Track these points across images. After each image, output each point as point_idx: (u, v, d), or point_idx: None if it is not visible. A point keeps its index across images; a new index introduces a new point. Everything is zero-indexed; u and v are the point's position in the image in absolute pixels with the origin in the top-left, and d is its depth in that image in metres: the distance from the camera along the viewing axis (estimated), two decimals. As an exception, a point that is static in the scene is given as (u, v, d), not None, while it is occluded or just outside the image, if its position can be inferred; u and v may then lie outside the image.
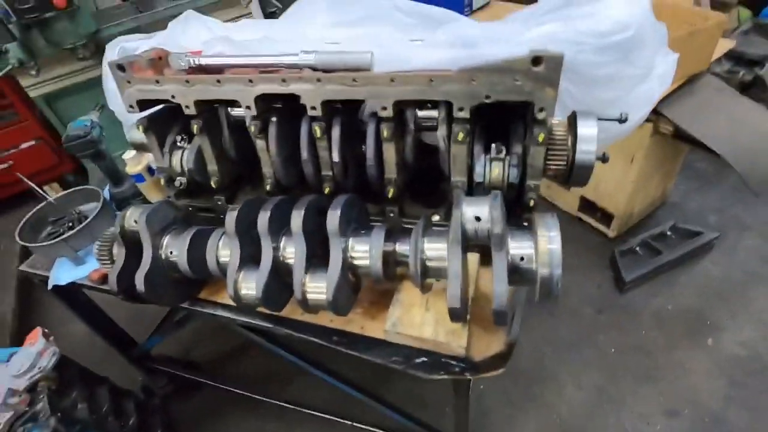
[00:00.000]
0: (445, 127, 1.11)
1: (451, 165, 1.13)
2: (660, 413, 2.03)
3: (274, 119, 1.20)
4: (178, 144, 1.31)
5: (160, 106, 1.32)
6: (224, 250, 1.17)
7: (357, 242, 1.06)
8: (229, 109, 1.29)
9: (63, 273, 1.54)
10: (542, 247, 0.88)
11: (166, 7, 3.10)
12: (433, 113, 1.14)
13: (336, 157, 1.18)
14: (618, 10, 1.06)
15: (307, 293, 1.04)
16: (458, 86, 0.99)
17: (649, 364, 2.21)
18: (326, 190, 1.25)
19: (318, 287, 1.04)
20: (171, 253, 1.22)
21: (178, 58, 1.19)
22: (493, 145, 1.09)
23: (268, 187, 1.30)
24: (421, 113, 1.15)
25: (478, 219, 0.94)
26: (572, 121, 1.06)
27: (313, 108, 1.10)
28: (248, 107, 1.14)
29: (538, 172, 1.07)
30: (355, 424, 2.04)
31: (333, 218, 1.02)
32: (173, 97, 1.18)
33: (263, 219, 1.07)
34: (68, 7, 2.58)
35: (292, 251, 1.09)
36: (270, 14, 3.51)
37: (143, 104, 1.24)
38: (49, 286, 1.53)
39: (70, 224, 1.65)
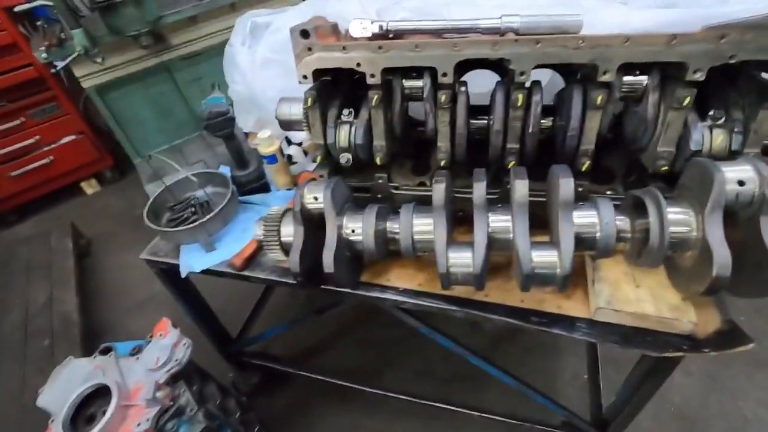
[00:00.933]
0: (658, 93, 1.06)
1: (660, 134, 1.07)
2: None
3: (463, 89, 1.14)
4: (344, 118, 1.24)
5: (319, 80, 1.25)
6: (422, 226, 1.10)
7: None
8: (404, 80, 1.21)
9: (195, 260, 1.46)
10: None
11: (225, -7, 3.01)
12: (641, 79, 1.08)
13: (534, 127, 1.12)
14: None
15: (536, 269, 0.97)
16: (700, 46, 0.93)
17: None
18: (510, 164, 1.19)
19: (548, 261, 0.97)
20: (353, 231, 1.15)
21: (362, 25, 1.12)
22: (713, 112, 1.04)
23: (442, 162, 1.23)
24: (627, 79, 1.09)
25: (741, 183, 0.88)
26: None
27: (522, 74, 1.04)
28: (444, 74, 1.08)
29: (761, 139, 1.02)
30: (465, 411, 1.94)
31: (566, 187, 0.96)
32: (358, 65, 1.11)
33: (480, 191, 1.01)
34: (137, -8, 2.49)
35: (504, 226, 1.03)
36: None
37: (318, 74, 1.17)
38: (183, 274, 1.45)
39: (193, 209, 1.57)
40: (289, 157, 1.75)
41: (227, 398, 1.92)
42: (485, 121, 1.28)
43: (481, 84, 1.22)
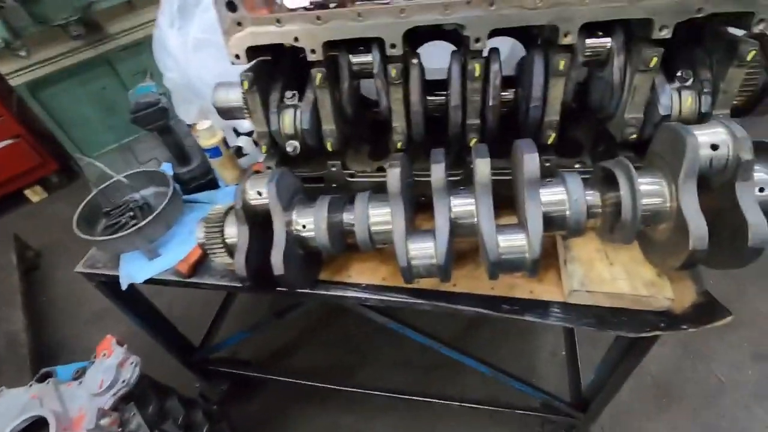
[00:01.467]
0: (623, 55, 0.98)
1: (628, 99, 1.00)
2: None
3: (415, 61, 1.03)
4: (287, 102, 1.12)
5: (253, 61, 1.12)
6: (379, 216, 0.99)
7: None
8: (351, 55, 1.09)
9: (137, 269, 1.32)
10: None
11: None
12: (605, 41, 1.00)
13: (494, 99, 1.02)
14: None
15: (503, 256, 0.89)
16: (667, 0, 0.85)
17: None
18: (472, 142, 1.10)
19: (516, 246, 0.89)
20: (303, 227, 1.04)
21: (297, -7, 0.99)
22: (680, 73, 0.97)
23: (399, 144, 1.13)
24: (590, 41, 1.01)
25: (714, 147, 0.82)
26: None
27: (477, 40, 0.94)
28: (393, 45, 0.97)
29: (731, 99, 0.96)
30: (443, 402, 1.89)
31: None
32: (296, 39, 0.98)
33: (438, 173, 0.91)
34: (61, -25, 2.24)
35: (468, 210, 0.94)
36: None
37: (252, 53, 1.04)
38: (123, 286, 1.31)
39: (131, 214, 1.42)
40: (239, 149, 1.61)
41: (193, 410, 1.80)
42: (444, 98, 1.18)
43: (440, 59, 1.12)
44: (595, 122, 1.22)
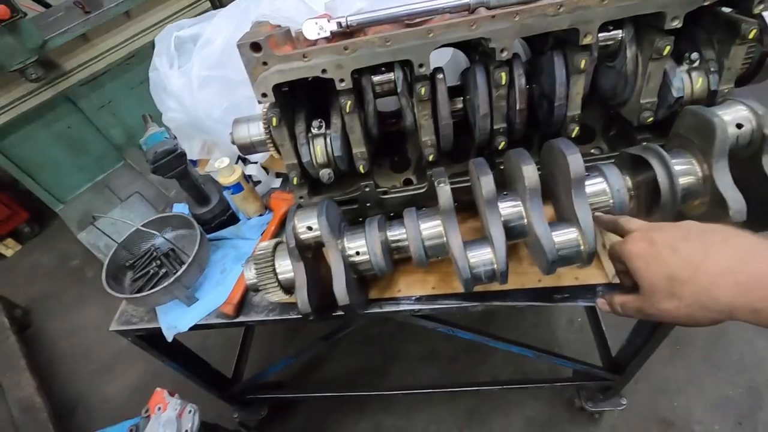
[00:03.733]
0: (635, 46, 1.04)
1: (643, 87, 1.06)
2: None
3: (440, 76, 1.06)
4: (315, 131, 1.12)
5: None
6: (430, 230, 1.02)
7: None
8: (373, 76, 1.10)
9: (178, 318, 1.29)
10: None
11: (117, 2, 2.62)
12: (616, 34, 1.05)
13: (521, 104, 1.06)
14: None
15: (559, 252, 0.94)
16: (676, -8, 0.91)
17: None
18: (500, 145, 1.14)
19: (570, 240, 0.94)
20: (357, 253, 1.05)
21: (317, 25, 0.99)
22: (689, 54, 1.04)
23: (431, 157, 1.15)
24: (603, 35, 1.06)
25: (739, 126, 0.89)
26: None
27: (503, 51, 0.97)
28: (421, 65, 0.98)
29: (735, 74, 1.04)
30: (479, 388, 1.97)
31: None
32: (324, 71, 0.99)
33: (489, 185, 0.94)
34: (11, 18, 2.09)
35: (516, 212, 0.98)
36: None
37: (277, 89, 1.03)
38: (169, 338, 1.28)
39: (159, 262, 1.38)
40: (249, 177, 1.59)
41: (240, 444, 1.81)
42: (461, 104, 1.22)
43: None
44: (606, 108, 1.29)
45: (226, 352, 2.17)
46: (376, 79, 1.10)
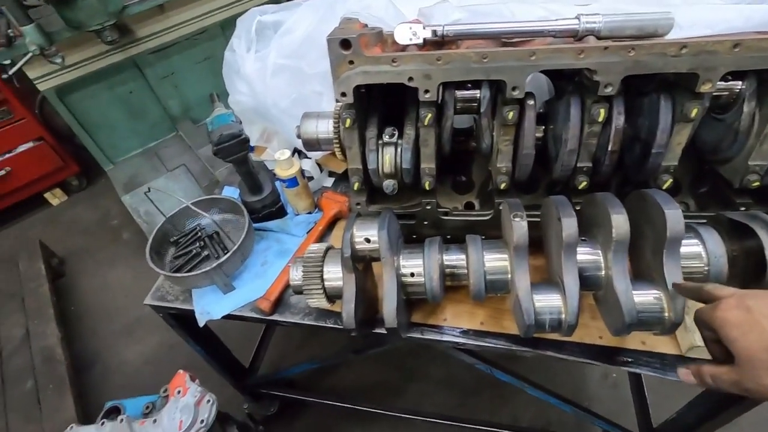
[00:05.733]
0: (755, 101, 0.94)
1: (755, 146, 0.96)
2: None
3: (531, 102, 0.98)
4: (387, 139, 1.06)
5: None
6: (495, 262, 0.95)
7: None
8: (458, 91, 1.04)
9: (213, 304, 1.26)
10: None
11: (197, -22, 2.68)
12: (734, 84, 0.95)
13: (614, 144, 0.98)
14: None
15: (639, 315, 0.85)
16: (824, 49, 0.81)
17: None
18: (581, 185, 1.05)
19: (653, 304, 0.85)
20: (411, 275, 0.99)
21: (411, 30, 0.93)
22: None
23: (503, 185, 1.08)
24: (720, 84, 0.96)
25: None
26: None
27: (608, 86, 0.89)
28: (515, 88, 0.91)
29: None
30: (488, 428, 1.85)
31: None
32: (410, 79, 0.93)
33: (571, 228, 0.86)
34: (98, -20, 2.15)
35: (593, 260, 0.90)
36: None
37: (357, 90, 0.98)
38: (201, 324, 1.25)
39: (202, 243, 1.36)
40: (302, 172, 1.55)
41: (247, 436, 1.77)
42: (541, 134, 1.14)
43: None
44: (698, 161, 1.18)
45: (244, 339, 2.14)
46: (459, 94, 1.03)
